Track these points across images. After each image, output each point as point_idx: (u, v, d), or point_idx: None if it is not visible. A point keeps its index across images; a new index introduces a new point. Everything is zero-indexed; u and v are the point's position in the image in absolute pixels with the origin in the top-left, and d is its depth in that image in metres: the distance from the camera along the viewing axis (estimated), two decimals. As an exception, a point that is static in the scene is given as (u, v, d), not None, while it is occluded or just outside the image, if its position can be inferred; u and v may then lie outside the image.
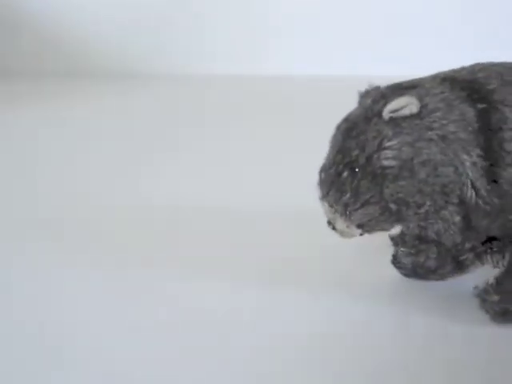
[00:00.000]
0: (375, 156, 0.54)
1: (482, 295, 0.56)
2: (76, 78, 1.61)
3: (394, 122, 0.54)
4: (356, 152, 0.55)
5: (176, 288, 0.63)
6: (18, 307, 0.61)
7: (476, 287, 0.57)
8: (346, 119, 0.57)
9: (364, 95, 0.59)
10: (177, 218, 0.79)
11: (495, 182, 0.54)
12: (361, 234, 0.58)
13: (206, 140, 1.13)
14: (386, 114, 0.55)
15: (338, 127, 0.58)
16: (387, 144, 0.54)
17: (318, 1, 1.63)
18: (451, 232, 0.55)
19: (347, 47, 1.60)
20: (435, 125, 0.54)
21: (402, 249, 0.62)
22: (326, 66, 1.59)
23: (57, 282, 0.65)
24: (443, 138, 0.54)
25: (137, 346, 0.54)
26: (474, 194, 0.54)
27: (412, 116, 0.54)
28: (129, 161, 1.03)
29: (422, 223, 0.56)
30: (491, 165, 0.54)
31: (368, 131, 0.55)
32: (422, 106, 0.54)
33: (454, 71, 0.58)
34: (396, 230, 0.59)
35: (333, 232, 0.58)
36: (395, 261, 0.63)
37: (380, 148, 0.54)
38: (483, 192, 0.54)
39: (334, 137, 0.58)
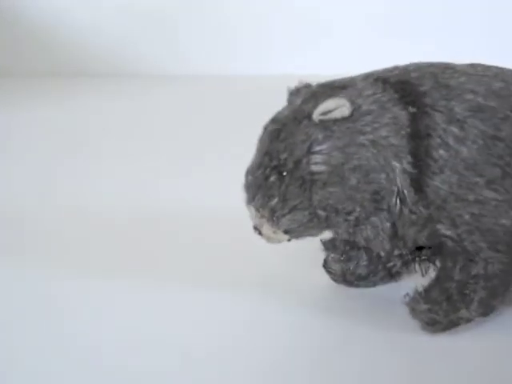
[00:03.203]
0: (304, 160, 0.51)
1: (411, 304, 0.53)
2: (75, 77, 1.61)
3: (324, 124, 0.51)
4: (284, 155, 0.52)
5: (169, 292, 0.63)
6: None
7: (407, 295, 0.54)
8: (273, 120, 0.54)
9: (294, 93, 0.55)
10: (175, 218, 0.79)
11: (422, 191, 0.51)
12: (288, 240, 0.55)
13: (205, 140, 1.13)
14: (316, 116, 0.51)
15: (265, 128, 0.54)
16: (317, 148, 0.51)
17: (318, 1, 1.63)
18: (380, 238, 0.53)
19: (347, 47, 1.60)
20: (367, 129, 0.51)
21: (332, 255, 0.60)
22: (325, 65, 1.59)
23: (54, 284, 0.65)
24: (374, 143, 0.50)
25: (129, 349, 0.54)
26: (399, 202, 0.51)
27: (343, 119, 0.51)
28: (128, 161, 1.03)
29: (351, 230, 0.53)
30: (419, 173, 0.50)
31: (297, 134, 0.52)
32: (355, 109, 0.51)
33: (387, 70, 0.54)
34: (327, 234, 0.57)
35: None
36: (326, 265, 0.61)
37: (309, 152, 0.51)
38: (409, 201, 0.51)
39: (261, 138, 0.54)
